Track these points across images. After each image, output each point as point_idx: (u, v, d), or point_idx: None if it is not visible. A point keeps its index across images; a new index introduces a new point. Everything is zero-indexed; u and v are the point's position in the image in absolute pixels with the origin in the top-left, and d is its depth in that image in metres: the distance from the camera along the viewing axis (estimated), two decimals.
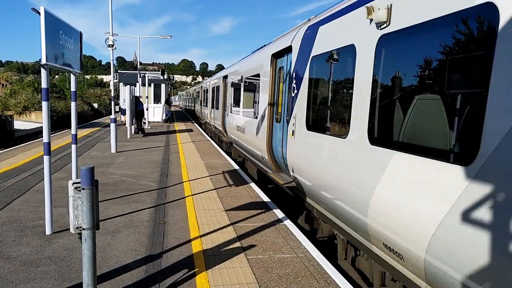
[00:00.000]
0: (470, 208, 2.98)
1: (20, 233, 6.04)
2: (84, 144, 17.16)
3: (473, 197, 2.96)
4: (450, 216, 3.15)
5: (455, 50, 3.34)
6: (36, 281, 4.53)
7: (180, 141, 18.78)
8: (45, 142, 5.80)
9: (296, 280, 4.72)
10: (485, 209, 2.85)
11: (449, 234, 3.16)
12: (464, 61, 3.30)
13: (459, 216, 3.07)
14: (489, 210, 2.82)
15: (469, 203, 2.99)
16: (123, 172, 11.00)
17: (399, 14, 4.03)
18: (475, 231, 2.90)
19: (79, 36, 6.86)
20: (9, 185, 9.06)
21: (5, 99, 39.45)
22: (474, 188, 2.97)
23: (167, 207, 7.63)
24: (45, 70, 5.55)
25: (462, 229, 3.02)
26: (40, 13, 5.26)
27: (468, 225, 2.98)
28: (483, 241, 2.84)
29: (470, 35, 3.18)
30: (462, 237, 3.02)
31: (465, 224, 3.01)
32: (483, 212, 2.87)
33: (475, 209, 2.93)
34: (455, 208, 3.11)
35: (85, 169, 3.42)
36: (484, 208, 2.86)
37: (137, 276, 4.71)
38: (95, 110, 50.45)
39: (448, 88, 3.41)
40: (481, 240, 2.86)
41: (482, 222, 2.86)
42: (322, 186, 5.84)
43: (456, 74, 3.38)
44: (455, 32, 3.28)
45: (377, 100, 4.42)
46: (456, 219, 3.08)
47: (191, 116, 42.21)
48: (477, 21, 3.09)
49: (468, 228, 2.96)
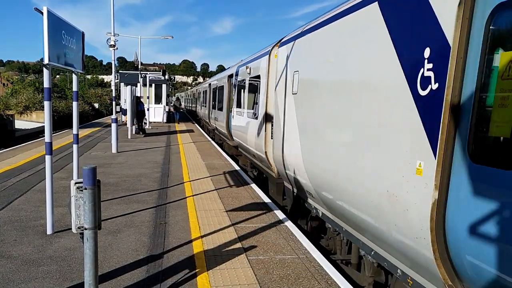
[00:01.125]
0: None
1: (21, 232, 6.05)
2: (85, 144, 17.18)
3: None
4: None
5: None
6: (37, 280, 4.53)
7: (181, 142, 18.79)
8: (47, 142, 5.81)
9: (297, 281, 4.73)
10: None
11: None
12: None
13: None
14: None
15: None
16: (124, 172, 11.01)
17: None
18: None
19: (81, 36, 6.88)
20: (10, 184, 9.07)
21: (6, 99, 39.44)
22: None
23: (168, 207, 7.63)
24: (47, 70, 5.56)
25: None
26: (43, 13, 5.27)
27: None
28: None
29: None
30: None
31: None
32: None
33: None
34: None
35: (87, 169, 3.42)
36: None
37: (138, 276, 4.72)
38: (96, 110, 50.46)
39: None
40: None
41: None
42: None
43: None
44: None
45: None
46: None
47: (192, 117, 42.23)
48: None
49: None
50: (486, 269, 2.88)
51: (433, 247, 3.30)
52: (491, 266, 2.83)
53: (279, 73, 8.18)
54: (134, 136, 20.52)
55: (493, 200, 2.81)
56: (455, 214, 3.17)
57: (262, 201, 8.25)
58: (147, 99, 26.52)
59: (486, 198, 2.87)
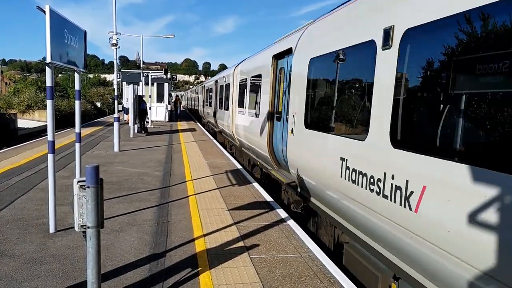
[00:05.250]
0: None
1: (24, 231, 6.06)
2: (88, 143, 17.20)
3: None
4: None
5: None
6: (40, 278, 4.54)
7: (183, 141, 18.80)
8: (50, 141, 5.81)
9: (299, 280, 4.72)
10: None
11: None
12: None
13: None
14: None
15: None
16: (126, 171, 11.02)
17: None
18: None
19: (83, 35, 6.87)
20: (13, 183, 9.09)
21: (9, 98, 39.45)
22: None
23: (170, 206, 7.64)
24: (49, 68, 5.57)
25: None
26: (46, 12, 5.27)
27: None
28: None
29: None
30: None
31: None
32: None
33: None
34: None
35: (90, 167, 3.42)
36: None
37: (140, 274, 4.72)
38: (98, 109, 50.48)
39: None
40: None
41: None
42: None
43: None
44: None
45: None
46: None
47: (194, 115, 42.24)
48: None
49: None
50: (282, 160, 8.13)
51: (269, 154, 8.90)
52: (282, 159, 8.11)
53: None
54: (136, 135, 20.54)
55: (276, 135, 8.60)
56: (273, 142, 8.83)
57: (264, 200, 8.25)
58: (149, 98, 26.51)
59: (276, 135, 8.60)
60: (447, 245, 3.16)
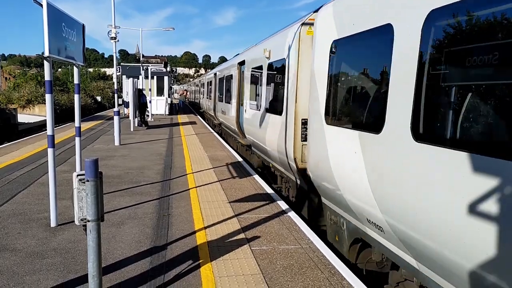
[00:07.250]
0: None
1: (25, 225, 6.08)
2: (88, 137, 17.21)
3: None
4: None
5: None
6: (41, 272, 4.56)
7: (183, 134, 18.80)
8: (49, 135, 5.80)
9: (300, 271, 4.74)
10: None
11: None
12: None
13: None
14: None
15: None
16: (127, 164, 11.03)
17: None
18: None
19: (81, 29, 6.83)
20: (13, 178, 9.11)
21: (9, 93, 39.42)
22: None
23: (171, 199, 7.65)
24: (48, 62, 5.55)
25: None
26: (43, 6, 5.23)
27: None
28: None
29: None
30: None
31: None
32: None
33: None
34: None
35: (89, 161, 3.42)
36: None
37: (142, 267, 4.74)
38: (98, 103, 50.41)
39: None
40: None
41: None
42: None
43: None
44: None
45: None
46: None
47: (194, 108, 42.20)
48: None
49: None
50: (245, 129, 12.11)
51: (237, 126, 13.67)
52: (247, 131, 11.95)
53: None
54: (136, 129, 20.54)
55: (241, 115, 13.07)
56: (239, 119, 13.37)
57: (265, 192, 8.26)
58: (149, 91, 26.46)
59: (243, 117, 12.53)
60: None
